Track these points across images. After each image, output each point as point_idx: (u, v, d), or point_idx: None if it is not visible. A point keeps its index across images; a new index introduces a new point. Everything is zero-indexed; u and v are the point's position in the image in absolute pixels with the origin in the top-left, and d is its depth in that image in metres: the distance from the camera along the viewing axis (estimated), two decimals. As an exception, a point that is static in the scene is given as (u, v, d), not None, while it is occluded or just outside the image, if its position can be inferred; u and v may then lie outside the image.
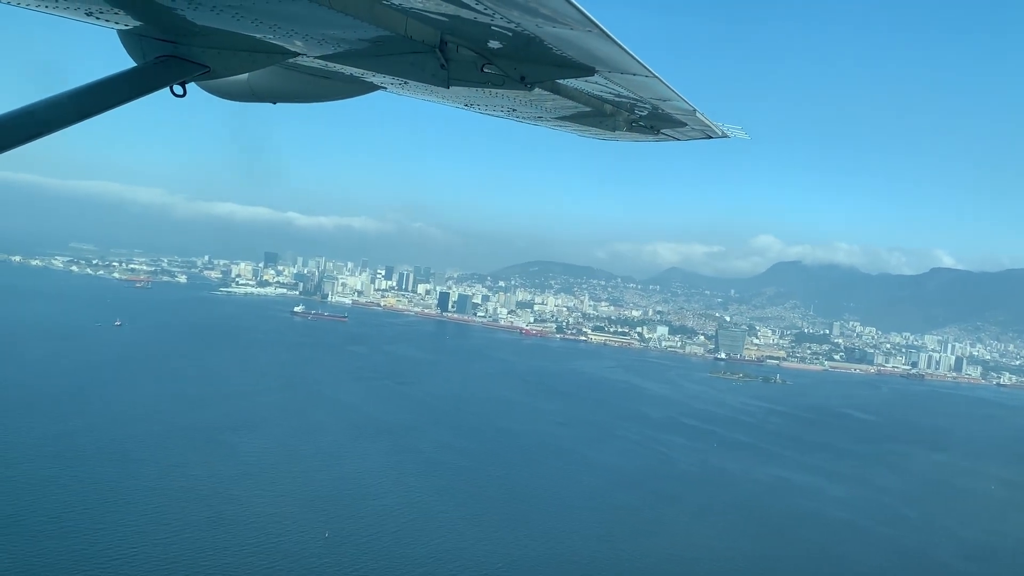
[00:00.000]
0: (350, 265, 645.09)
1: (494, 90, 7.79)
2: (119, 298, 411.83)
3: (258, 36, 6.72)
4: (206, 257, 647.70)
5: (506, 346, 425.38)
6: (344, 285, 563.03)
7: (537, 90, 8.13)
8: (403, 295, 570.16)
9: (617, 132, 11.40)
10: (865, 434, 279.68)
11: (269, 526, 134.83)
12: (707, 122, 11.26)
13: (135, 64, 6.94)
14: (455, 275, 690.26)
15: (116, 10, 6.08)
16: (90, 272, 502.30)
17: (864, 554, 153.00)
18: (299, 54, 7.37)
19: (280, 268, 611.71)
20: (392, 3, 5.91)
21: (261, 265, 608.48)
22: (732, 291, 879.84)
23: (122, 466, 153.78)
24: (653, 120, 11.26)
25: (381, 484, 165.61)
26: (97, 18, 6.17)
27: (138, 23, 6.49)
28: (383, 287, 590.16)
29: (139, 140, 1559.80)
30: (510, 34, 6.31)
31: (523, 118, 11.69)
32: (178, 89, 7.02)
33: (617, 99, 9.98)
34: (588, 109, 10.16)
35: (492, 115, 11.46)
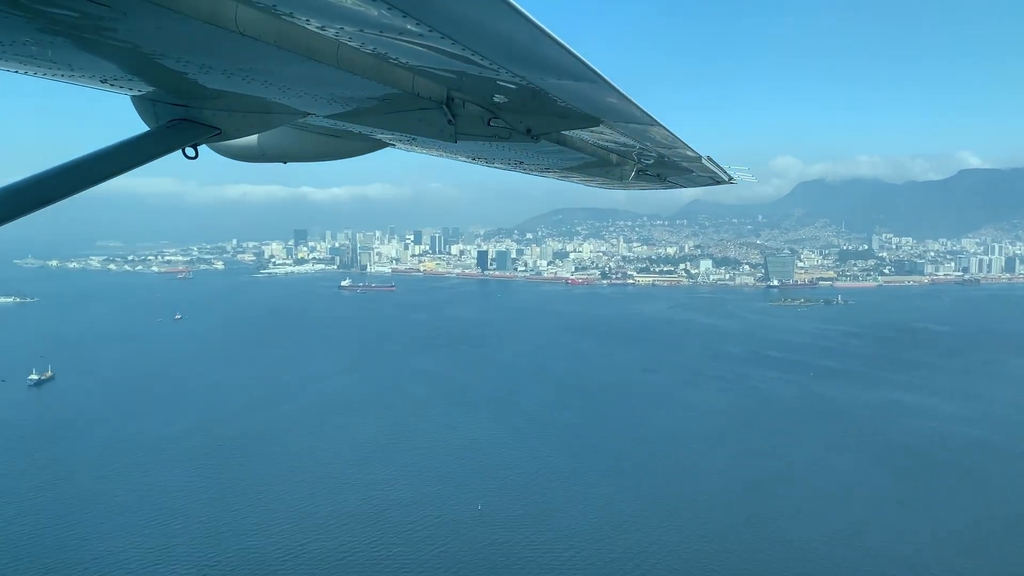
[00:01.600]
0: (378, 234, 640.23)
1: (501, 143, 7.79)
2: (166, 292, 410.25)
3: (268, 98, 6.83)
4: (234, 241, 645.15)
5: (557, 298, 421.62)
6: (379, 255, 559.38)
7: (543, 142, 8.07)
8: (439, 258, 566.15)
9: (624, 181, 11.23)
10: (949, 346, 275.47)
11: (420, 507, 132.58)
12: (714, 168, 11.19)
13: (148, 128, 7.01)
14: (481, 232, 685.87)
15: (130, 76, 6.17)
16: (128, 269, 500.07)
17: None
18: (308, 114, 7.37)
19: (311, 244, 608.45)
20: (399, 61, 5.98)
21: (291, 243, 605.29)
22: (759, 217, 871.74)
23: (268, 456, 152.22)
24: (660, 168, 11.29)
25: (506, 451, 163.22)
26: (111, 85, 6.27)
27: (151, 88, 6.59)
28: (417, 252, 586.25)
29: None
30: (515, 88, 6.35)
31: (530, 169, 11.81)
32: (190, 152, 7.10)
33: (623, 148, 10.02)
34: (595, 159, 10.15)
35: (499, 168, 11.74)
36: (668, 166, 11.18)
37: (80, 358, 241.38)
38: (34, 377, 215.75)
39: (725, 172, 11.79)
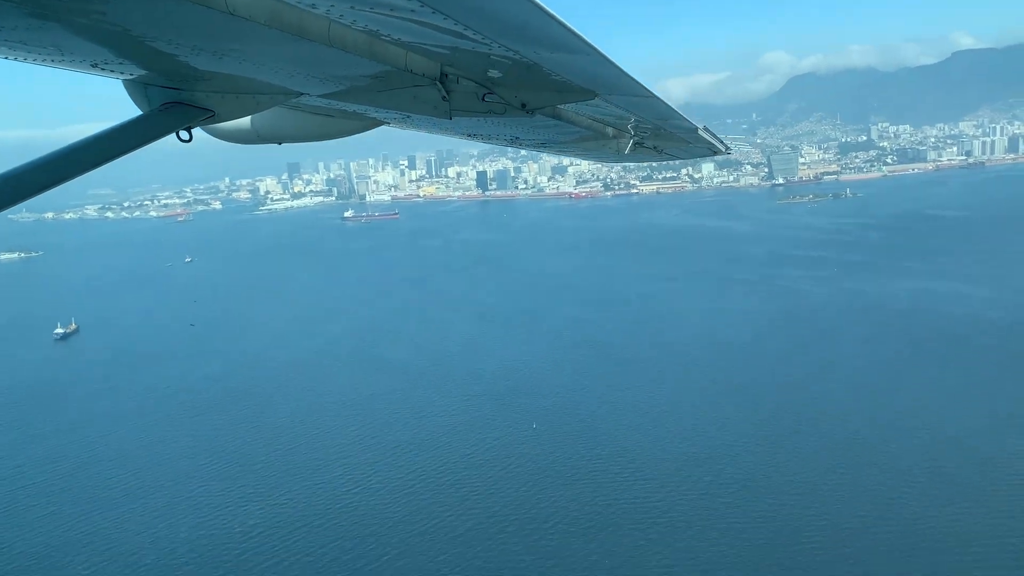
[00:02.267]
0: (371, 162, 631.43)
1: (496, 119, 7.84)
2: (169, 235, 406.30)
3: (260, 79, 6.86)
4: (227, 179, 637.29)
5: (564, 213, 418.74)
6: (376, 183, 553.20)
7: (539, 117, 8.13)
8: (437, 182, 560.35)
9: (621, 155, 11.25)
10: (967, 232, 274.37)
11: (476, 430, 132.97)
12: (710, 139, 11.14)
13: (140, 112, 6.99)
14: (475, 152, 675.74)
15: (121, 60, 6.12)
16: (126, 216, 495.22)
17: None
18: (301, 94, 7.40)
19: (305, 177, 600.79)
20: (391, 38, 6.00)
21: (285, 177, 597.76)
22: (753, 115, 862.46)
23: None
24: (656, 140, 11.22)
25: (549, 368, 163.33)
26: (102, 69, 6.22)
27: (142, 72, 6.56)
28: (413, 178, 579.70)
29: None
30: (509, 62, 6.38)
31: (527, 145, 11.77)
32: (184, 135, 7.05)
33: (619, 121, 10.06)
34: (591, 133, 10.15)
35: (495, 144, 11.87)
36: (664, 138, 11.13)
37: (101, 308, 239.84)
38: (59, 331, 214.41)
39: (722, 142, 11.76)
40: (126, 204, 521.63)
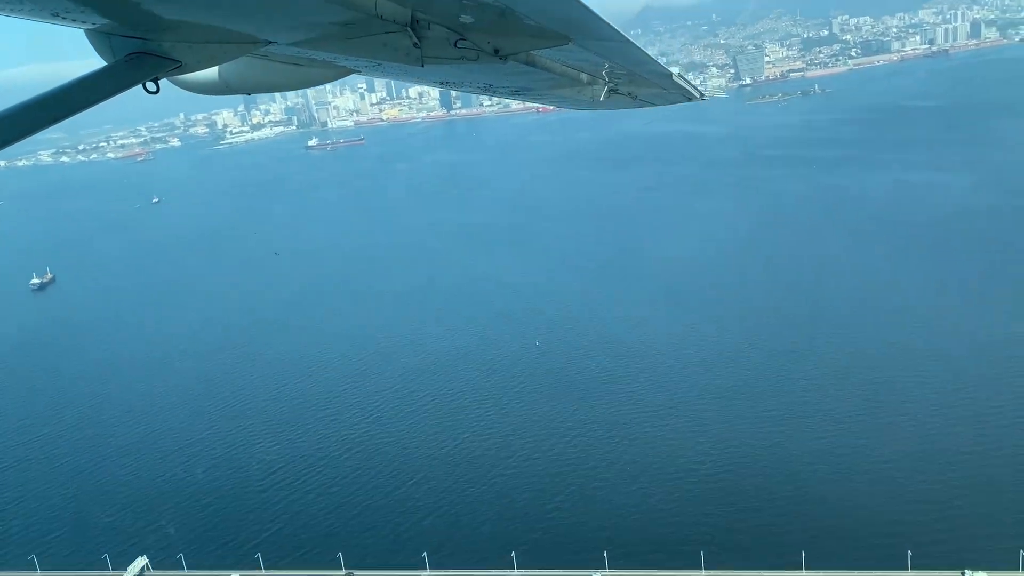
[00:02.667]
0: (329, 87, 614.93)
1: (469, 65, 7.64)
2: (132, 176, 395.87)
3: (227, 27, 6.68)
4: (181, 115, 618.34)
5: (533, 128, 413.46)
6: (338, 109, 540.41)
7: (512, 63, 7.90)
8: (400, 104, 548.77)
9: (596, 101, 11.27)
10: (941, 121, 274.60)
11: (487, 348, 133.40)
12: (685, 85, 11.16)
13: (105, 63, 6.74)
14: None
15: (82, 9, 5.94)
16: (82, 159, 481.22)
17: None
18: (270, 43, 7.18)
19: (263, 107, 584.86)
20: None
21: (242, 109, 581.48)
22: (713, 16, 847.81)
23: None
24: (631, 86, 11.15)
25: (545, 285, 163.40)
26: (63, 18, 6.01)
27: (105, 21, 6.34)
28: (374, 101, 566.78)
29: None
30: (482, 7, 6.27)
31: (501, 92, 11.65)
32: (151, 86, 6.84)
33: (593, 67, 9.91)
34: (565, 79, 10.01)
35: (469, 91, 11.86)
36: (639, 84, 10.99)
37: (75, 256, 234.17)
38: (36, 281, 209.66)
39: (696, 88, 11.66)
40: (81, 147, 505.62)
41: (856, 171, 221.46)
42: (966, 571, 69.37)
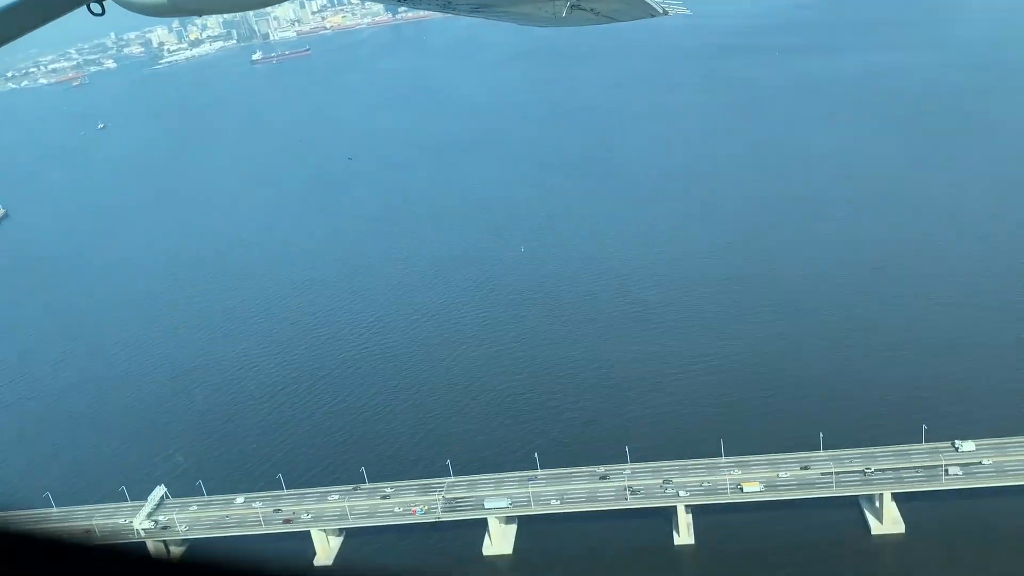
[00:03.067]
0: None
1: None
2: (69, 102, 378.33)
3: None
4: (112, 35, 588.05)
5: (482, 27, 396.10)
6: (278, 19, 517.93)
7: None
8: (342, 10, 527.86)
9: (558, 18, 10.98)
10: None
11: (473, 261, 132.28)
12: (649, 1, 10.94)
13: None
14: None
15: None
16: (13, 86, 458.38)
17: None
18: None
19: (199, 22, 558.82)
20: None
21: (177, 25, 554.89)
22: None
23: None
24: (594, 2, 10.91)
25: (523, 189, 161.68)
26: None
27: None
28: (316, 9, 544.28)
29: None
30: None
31: (460, 9, 11.40)
32: (96, 7, 6.62)
33: None
34: None
35: (427, 9, 11.98)
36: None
37: (26, 189, 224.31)
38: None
39: (659, 6, 11.46)
40: (9, 74, 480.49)
41: (821, 57, 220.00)
42: (956, 441, 71.81)
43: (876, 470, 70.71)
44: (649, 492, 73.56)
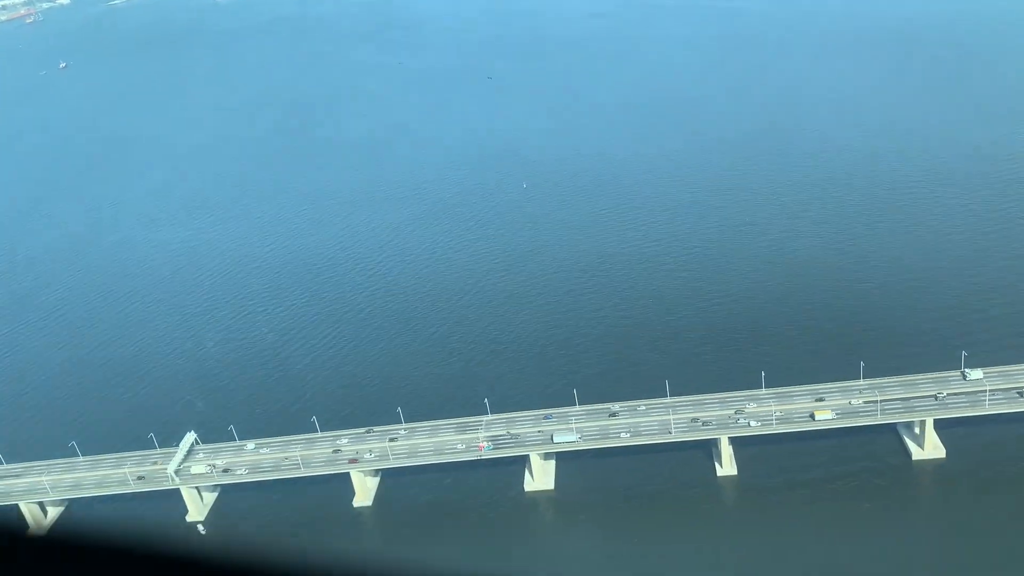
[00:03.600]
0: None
1: None
2: (25, 40, 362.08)
3: None
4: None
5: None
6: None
7: None
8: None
9: None
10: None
11: (479, 196, 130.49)
12: None
13: None
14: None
15: None
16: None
17: None
18: None
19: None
20: None
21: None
22: None
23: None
24: None
25: (502, 123, 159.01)
26: None
27: None
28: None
29: None
30: None
31: None
32: None
33: None
34: None
35: None
36: None
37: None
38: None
39: None
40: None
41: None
42: (965, 369, 72.00)
43: (916, 397, 71.06)
44: (691, 427, 73.12)
